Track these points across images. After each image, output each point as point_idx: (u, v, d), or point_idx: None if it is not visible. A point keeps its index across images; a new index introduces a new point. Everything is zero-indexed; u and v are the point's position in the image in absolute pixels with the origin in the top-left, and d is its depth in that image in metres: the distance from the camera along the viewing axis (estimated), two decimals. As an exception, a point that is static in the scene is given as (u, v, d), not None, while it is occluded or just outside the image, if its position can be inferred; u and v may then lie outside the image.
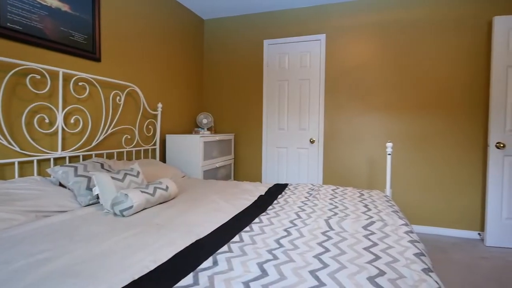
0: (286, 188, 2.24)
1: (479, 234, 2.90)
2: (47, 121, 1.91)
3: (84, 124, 2.18)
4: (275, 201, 1.88)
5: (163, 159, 3.09)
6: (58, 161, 2.01)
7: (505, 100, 2.68)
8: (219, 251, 1.12)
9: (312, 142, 3.43)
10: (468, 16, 2.91)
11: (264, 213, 1.62)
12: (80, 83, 2.13)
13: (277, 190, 2.20)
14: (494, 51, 2.68)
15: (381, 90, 3.18)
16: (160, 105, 2.92)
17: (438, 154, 3.02)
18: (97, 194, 1.72)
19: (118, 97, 2.47)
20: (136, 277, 0.93)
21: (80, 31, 2.15)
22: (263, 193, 2.12)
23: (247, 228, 1.38)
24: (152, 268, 0.99)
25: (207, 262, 1.02)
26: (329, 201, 1.87)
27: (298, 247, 1.17)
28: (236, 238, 1.26)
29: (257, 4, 3.39)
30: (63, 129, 2.01)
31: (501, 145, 2.66)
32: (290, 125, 3.54)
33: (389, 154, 2.31)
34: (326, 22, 3.36)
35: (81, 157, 2.13)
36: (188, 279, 0.91)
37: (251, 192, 2.14)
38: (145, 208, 1.68)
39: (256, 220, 1.50)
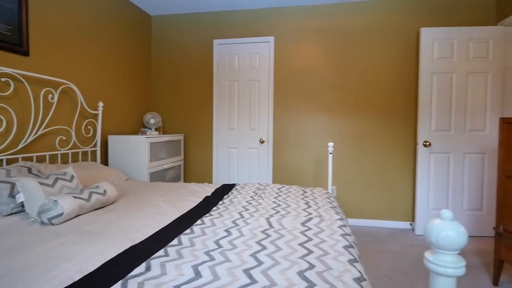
0: (233, 189, 2.25)
1: (410, 224, 3.20)
2: (-40, 121, 1.69)
3: (9, 125, 1.97)
4: (220, 202, 1.88)
5: (105, 161, 2.91)
6: (-25, 166, 1.79)
7: (430, 103, 2.99)
8: (154, 255, 1.09)
9: (262, 142, 3.49)
10: (400, 26, 3.19)
11: (207, 214, 1.61)
12: (3, 79, 1.92)
13: (224, 190, 2.21)
14: (421, 59, 2.98)
15: (326, 92, 3.35)
16: (101, 104, 2.74)
17: (376, 152, 3.27)
18: (22, 202, 1.57)
19: (50, 95, 2.27)
20: (57, 290, 0.86)
21: (2, 20, 1.94)
22: (209, 194, 2.10)
23: (188, 231, 1.36)
24: (76, 279, 0.93)
25: (139, 268, 0.99)
26: (273, 199, 1.93)
27: (236, 247, 1.18)
28: (175, 241, 1.24)
29: (206, 3, 3.36)
30: (-19, 130, 1.80)
31: (428, 143, 2.97)
32: (241, 125, 3.56)
33: (331, 153, 2.44)
34: (274, 25, 3.45)
35: (4, 161, 1.92)
36: (115, 288, 0.87)
37: (197, 194, 2.11)
38: (79, 215, 1.57)
39: (198, 222, 1.49)
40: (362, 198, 3.31)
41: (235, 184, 2.41)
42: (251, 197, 2.00)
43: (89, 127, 2.69)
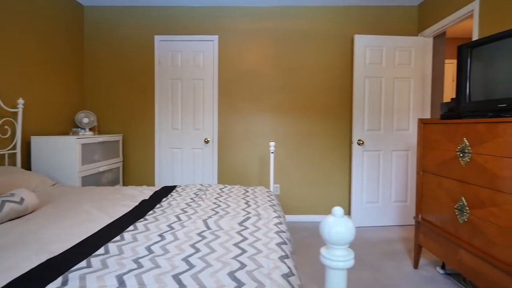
0: (174, 191, 2.18)
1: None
2: None
3: None
4: (158, 205, 1.81)
5: (27, 165, 2.60)
6: None
7: (363, 105, 3.24)
8: (74, 268, 1.00)
9: (206, 142, 3.44)
10: (337, 32, 3.40)
11: (142, 219, 1.54)
12: None
13: (163, 193, 2.12)
14: (355, 63, 3.21)
15: (270, 93, 3.43)
16: (21, 101, 2.45)
17: (317, 150, 3.44)
18: None
19: (-47, 90, 1.95)
20: None
21: None
22: (147, 198, 2.01)
23: (117, 238, 1.28)
24: (-27, 302, 0.81)
25: (55, 284, 0.90)
26: (214, 200, 1.91)
27: (168, 252, 1.14)
28: (101, 250, 1.15)
29: (146, -3, 3.20)
30: None
31: (361, 142, 3.21)
32: (185, 125, 3.47)
33: (272, 153, 2.50)
34: (219, 24, 3.42)
35: None
36: (21, 308, 0.78)
37: (133, 198, 2.00)
38: (-12, 228, 1.38)
39: (131, 227, 1.41)
40: (304, 195, 3.46)
41: (176, 186, 2.34)
42: (191, 199, 1.95)
43: (6, 127, 2.37)
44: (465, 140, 1.81)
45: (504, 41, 1.66)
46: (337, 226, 0.52)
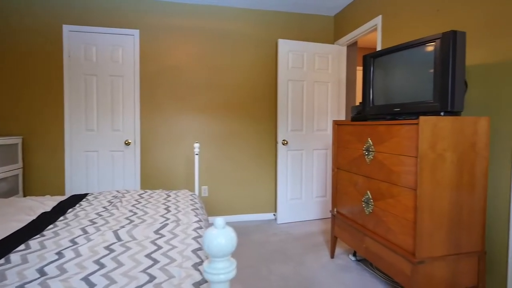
0: (84, 199, 1.96)
1: (274, 215, 3.57)
2: None
3: None
4: (62, 218, 1.60)
5: None
6: None
7: (287, 106, 3.40)
8: None
9: (127, 144, 3.19)
10: (264, 34, 3.49)
11: (38, 236, 1.33)
12: None
13: (71, 203, 1.89)
14: (279, 66, 3.34)
15: (197, 92, 3.35)
16: None
17: (245, 150, 3.49)
18: None
19: None
20: None
21: None
22: (48, 209, 1.76)
23: (1, 261, 1.08)
24: None
25: None
26: (131, 207, 1.77)
27: (66, 271, 1.01)
28: (-25, 279, 0.96)
29: (50, -20, 2.81)
30: None
31: (285, 142, 3.37)
32: (101, 126, 3.16)
33: (197, 154, 2.44)
34: (140, 18, 3.20)
35: None
36: None
37: (31, 210, 1.73)
38: None
39: (21, 247, 1.21)
40: (233, 195, 3.48)
41: (88, 194, 2.11)
42: (104, 207, 1.78)
43: None
44: (370, 140, 2.02)
45: (397, 53, 1.91)
46: (218, 238, 0.52)
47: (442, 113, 1.65)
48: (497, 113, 1.74)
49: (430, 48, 1.69)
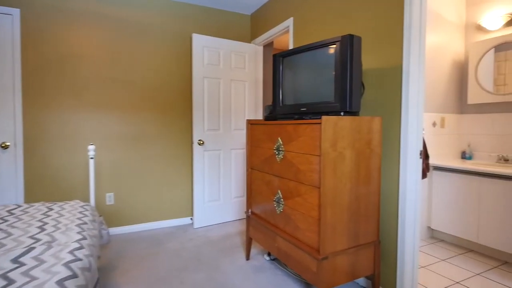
0: None
1: (191, 219, 3.38)
2: None
3: None
4: None
5: None
6: None
7: (203, 105, 3.24)
8: None
9: (5, 147, 2.61)
10: (177, 28, 3.25)
11: None
12: None
13: None
14: (194, 63, 3.16)
15: (101, 87, 2.93)
16: None
17: (158, 152, 3.21)
18: None
19: None
20: None
21: None
22: None
23: None
24: None
25: None
26: (-9, 229, 1.40)
27: None
28: None
29: None
30: None
31: (201, 142, 3.21)
32: (-34, 125, 2.52)
33: (92, 158, 2.11)
34: (21, -6, 2.65)
35: None
36: None
37: None
38: None
39: None
40: (146, 201, 3.17)
41: None
42: None
43: None
44: (280, 140, 2.02)
45: (304, 54, 1.94)
46: None
47: (342, 113, 1.72)
48: (388, 113, 1.90)
49: (331, 50, 1.74)
